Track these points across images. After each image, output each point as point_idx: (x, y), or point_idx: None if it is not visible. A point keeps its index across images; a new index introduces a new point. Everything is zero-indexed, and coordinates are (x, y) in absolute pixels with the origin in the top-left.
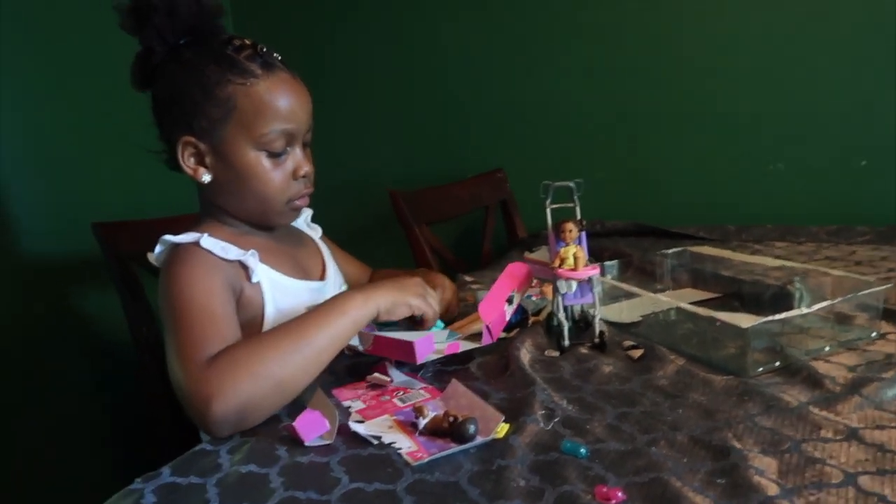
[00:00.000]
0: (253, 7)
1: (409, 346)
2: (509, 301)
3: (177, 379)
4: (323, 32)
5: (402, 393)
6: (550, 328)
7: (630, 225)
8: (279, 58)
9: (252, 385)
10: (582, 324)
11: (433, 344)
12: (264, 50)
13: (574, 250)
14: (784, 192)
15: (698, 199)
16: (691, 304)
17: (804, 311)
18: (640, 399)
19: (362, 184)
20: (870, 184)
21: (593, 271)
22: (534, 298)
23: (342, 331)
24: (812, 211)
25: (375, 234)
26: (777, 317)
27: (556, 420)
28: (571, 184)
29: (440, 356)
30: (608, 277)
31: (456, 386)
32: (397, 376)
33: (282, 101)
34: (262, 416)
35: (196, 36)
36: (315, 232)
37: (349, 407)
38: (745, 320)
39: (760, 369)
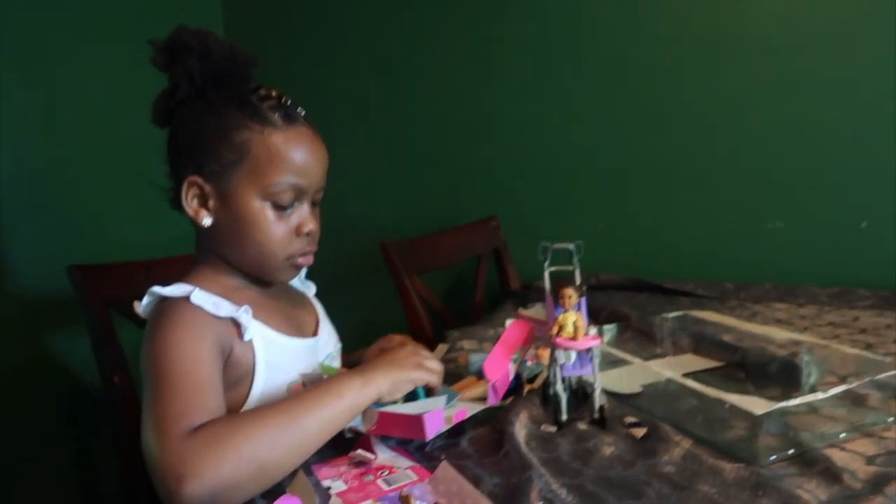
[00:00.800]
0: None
1: (417, 422)
2: (513, 359)
3: (149, 448)
4: (314, 73)
5: (387, 472)
6: (546, 398)
7: (626, 280)
8: (303, 113)
9: (232, 467)
10: (580, 393)
11: (443, 419)
12: (289, 102)
13: (574, 318)
14: (783, 251)
15: (697, 254)
16: (694, 373)
17: (820, 395)
18: (646, 489)
19: (352, 229)
20: (871, 246)
21: (594, 342)
22: (528, 363)
23: (337, 416)
24: (812, 271)
25: (364, 281)
26: (792, 402)
27: None
28: (571, 246)
29: (448, 426)
30: (606, 340)
31: (446, 469)
32: (382, 451)
33: (297, 154)
34: (239, 501)
35: (225, 81)
36: (309, 289)
37: (329, 488)
38: (756, 404)
39: (773, 458)
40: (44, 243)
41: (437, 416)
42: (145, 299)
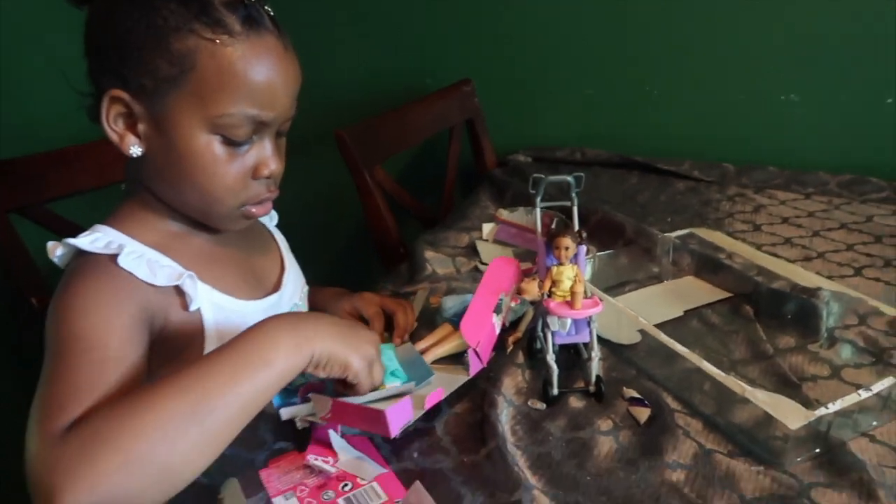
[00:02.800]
0: None
1: (379, 417)
2: (497, 310)
3: (27, 448)
4: None
5: (349, 486)
6: (532, 351)
7: (614, 156)
8: (272, 14)
9: (121, 475)
10: (572, 351)
11: (410, 410)
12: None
13: (571, 273)
14: (795, 129)
15: (696, 128)
16: (696, 309)
17: (862, 394)
18: None
19: (302, 104)
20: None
21: (595, 308)
22: (512, 304)
23: (261, 389)
24: (825, 153)
25: (319, 171)
26: (832, 407)
27: None
28: (570, 178)
29: (419, 414)
30: (596, 270)
31: (420, 495)
32: (343, 452)
33: (260, 75)
34: None
35: None
36: (270, 219)
37: None
38: (789, 410)
39: (799, 459)
40: None
41: (403, 407)
42: (59, 250)
